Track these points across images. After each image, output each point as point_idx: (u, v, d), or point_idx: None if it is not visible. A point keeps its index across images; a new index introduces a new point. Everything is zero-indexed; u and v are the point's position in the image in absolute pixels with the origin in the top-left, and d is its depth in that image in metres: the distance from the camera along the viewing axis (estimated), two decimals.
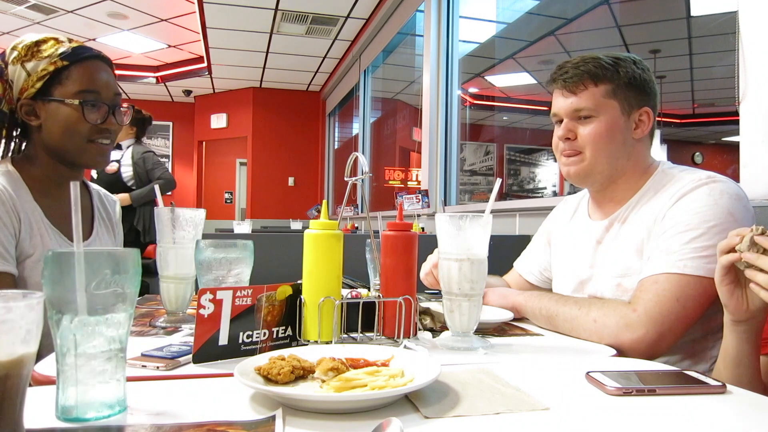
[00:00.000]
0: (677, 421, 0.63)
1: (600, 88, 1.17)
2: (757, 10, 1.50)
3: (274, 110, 9.16)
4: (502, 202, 3.66)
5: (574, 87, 1.18)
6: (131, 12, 6.05)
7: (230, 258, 0.99)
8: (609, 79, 1.16)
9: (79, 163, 1.28)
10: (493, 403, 0.65)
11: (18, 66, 1.20)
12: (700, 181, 1.08)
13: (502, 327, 1.13)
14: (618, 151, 1.18)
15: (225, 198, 10.63)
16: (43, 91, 1.20)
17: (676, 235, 1.04)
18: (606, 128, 1.17)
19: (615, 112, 1.17)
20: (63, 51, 1.21)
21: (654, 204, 1.13)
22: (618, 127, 1.17)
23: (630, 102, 1.18)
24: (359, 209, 6.64)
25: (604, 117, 1.17)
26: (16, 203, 1.18)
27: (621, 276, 1.15)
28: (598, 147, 1.17)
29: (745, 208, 1.06)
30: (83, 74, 1.22)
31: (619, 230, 1.19)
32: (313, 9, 5.76)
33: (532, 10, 5.34)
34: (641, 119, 1.19)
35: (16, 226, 1.17)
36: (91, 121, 1.22)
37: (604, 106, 1.16)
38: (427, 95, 4.33)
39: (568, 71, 1.19)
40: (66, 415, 0.57)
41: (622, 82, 1.17)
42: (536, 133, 9.54)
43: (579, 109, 1.18)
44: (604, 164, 1.18)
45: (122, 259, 0.58)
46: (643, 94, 1.19)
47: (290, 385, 0.68)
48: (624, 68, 1.17)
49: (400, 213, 1.04)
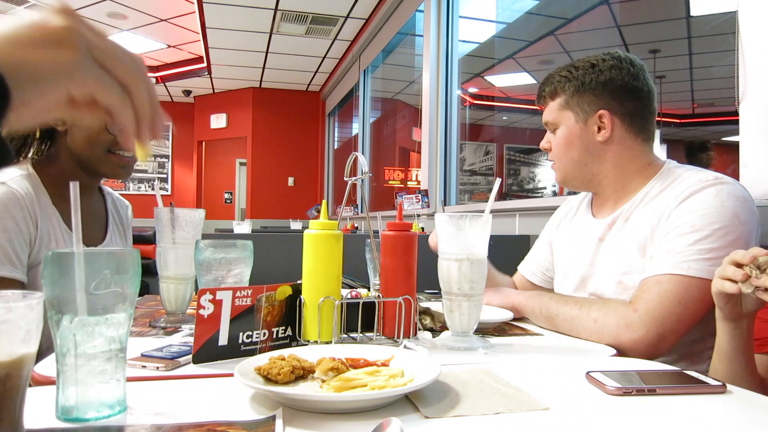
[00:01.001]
0: (677, 421, 0.63)
1: (556, 101, 1.26)
2: (757, 10, 1.50)
3: (274, 110, 9.16)
4: (501, 202, 3.66)
5: (542, 103, 1.31)
6: (131, 12, 6.05)
7: (230, 258, 0.99)
8: (561, 91, 1.25)
9: (100, 172, 1.30)
10: (493, 403, 0.65)
11: None
12: (707, 182, 1.07)
13: (502, 327, 1.13)
14: (583, 157, 1.23)
15: (225, 198, 10.63)
16: None
17: (681, 235, 1.04)
18: (563, 138, 1.25)
19: (570, 121, 1.24)
20: None
21: (658, 203, 1.13)
22: (574, 135, 1.23)
23: (584, 109, 1.22)
24: (359, 209, 6.64)
25: (562, 127, 1.25)
26: (36, 209, 1.19)
27: (623, 274, 1.14)
28: (559, 155, 1.26)
29: (750, 211, 1.06)
30: None
31: (621, 228, 1.19)
32: (313, 9, 5.76)
33: (532, 10, 5.34)
34: (602, 122, 1.21)
35: (33, 233, 1.17)
36: (112, 132, 1.23)
37: (561, 117, 1.25)
38: (426, 95, 4.33)
39: (539, 89, 1.30)
40: (66, 415, 0.57)
41: (571, 92, 1.22)
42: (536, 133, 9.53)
43: (546, 123, 1.29)
44: (571, 170, 1.26)
45: (122, 259, 0.58)
46: (599, 97, 1.20)
47: (290, 385, 0.68)
48: (575, 76, 1.22)
49: (400, 213, 1.04)
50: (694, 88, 7.18)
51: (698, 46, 5.44)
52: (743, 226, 1.02)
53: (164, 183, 10.09)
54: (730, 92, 1.55)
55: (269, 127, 9.14)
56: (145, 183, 9.89)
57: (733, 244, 1.00)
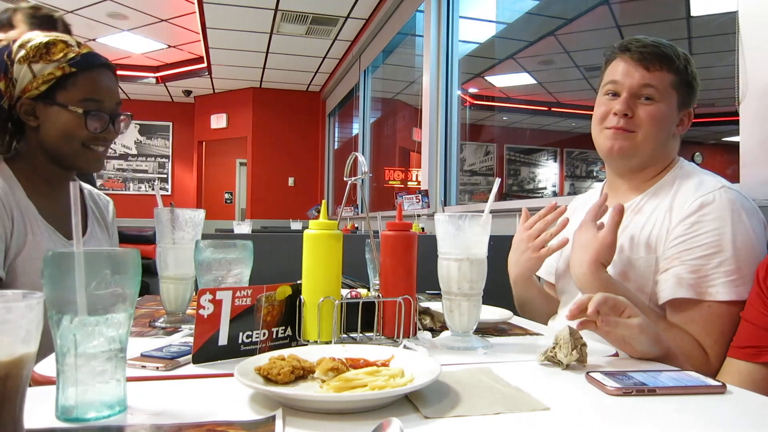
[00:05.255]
0: (677, 421, 0.63)
1: (670, 75, 1.17)
2: (757, 10, 1.50)
3: (274, 110, 9.16)
4: (502, 202, 3.66)
5: (649, 63, 1.16)
6: (131, 12, 6.05)
7: (230, 258, 0.99)
8: (677, 70, 1.18)
9: (73, 166, 1.29)
10: (493, 403, 0.65)
11: (25, 66, 1.20)
12: (719, 192, 1.09)
13: (502, 327, 1.13)
14: (664, 141, 1.20)
15: (225, 198, 10.63)
16: (46, 94, 1.20)
17: (705, 256, 1.06)
18: (665, 115, 1.17)
19: (673, 102, 1.19)
20: (72, 57, 1.21)
21: (670, 200, 1.15)
22: (671, 118, 1.20)
23: (684, 98, 1.20)
24: (359, 209, 6.63)
25: (665, 104, 1.17)
26: (11, 201, 1.18)
27: (626, 266, 1.15)
28: (653, 131, 1.17)
29: (760, 222, 1.10)
30: (89, 82, 1.23)
31: (631, 219, 1.20)
32: (313, 9, 5.76)
33: (532, 10, 5.34)
34: (684, 118, 1.22)
35: (8, 227, 1.17)
36: (91, 130, 1.23)
37: (668, 93, 1.18)
38: (427, 95, 4.33)
39: (646, 46, 1.17)
40: (66, 415, 0.57)
41: (685, 79, 1.19)
42: (536, 133, 9.54)
43: (649, 86, 1.16)
44: (651, 149, 1.19)
45: (122, 259, 0.58)
46: (693, 96, 1.22)
47: (290, 385, 0.68)
48: (691, 66, 1.19)
49: (399, 213, 1.04)
50: None
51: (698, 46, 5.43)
52: (759, 240, 1.07)
53: (164, 183, 10.08)
54: (730, 92, 1.55)
55: (269, 127, 9.14)
56: (145, 183, 9.89)
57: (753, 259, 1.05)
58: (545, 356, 0.83)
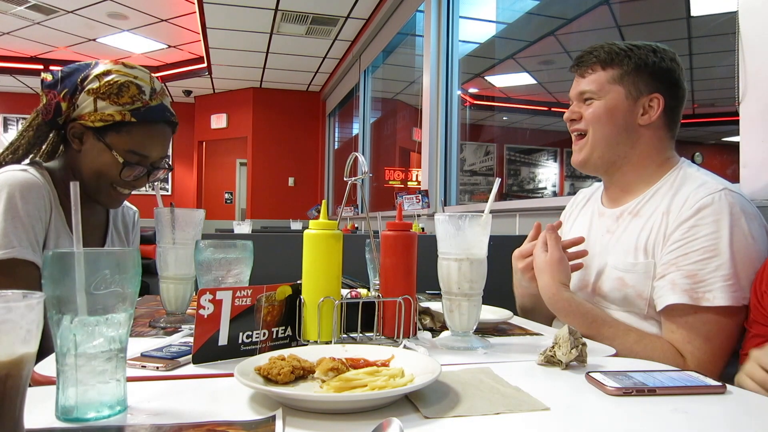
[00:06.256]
0: (677, 421, 0.63)
1: (607, 72, 1.20)
2: (757, 10, 1.50)
3: (274, 110, 9.16)
4: (502, 203, 3.66)
5: (584, 71, 1.24)
6: (131, 12, 6.05)
7: (230, 258, 0.99)
8: (618, 64, 1.20)
9: (94, 198, 1.30)
10: (493, 403, 0.65)
11: (91, 98, 1.21)
12: (718, 194, 1.07)
13: (502, 327, 1.13)
14: (618, 135, 1.20)
15: (225, 198, 10.63)
16: (99, 129, 1.22)
17: (702, 261, 1.05)
18: (605, 110, 1.20)
19: (618, 96, 1.19)
20: (137, 108, 1.22)
21: (668, 203, 1.13)
22: (619, 110, 1.19)
23: (638, 87, 1.19)
24: (359, 209, 6.63)
25: (605, 99, 1.20)
26: (51, 200, 1.21)
27: (624, 271, 1.14)
28: (596, 127, 1.21)
29: (760, 227, 1.09)
30: (142, 136, 1.24)
31: (629, 223, 1.19)
32: (313, 9, 5.76)
33: (532, 10, 5.34)
34: (650, 105, 1.20)
35: (47, 222, 1.20)
36: (124, 178, 1.25)
37: (608, 90, 1.20)
38: (427, 95, 4.33)
39: (582, 57, 1.24)
40: (66, 415, 0.57)
41: (631, 68, 1.19)
42: (536, 133, 9.54)
43: (583, 92, 1.23)
44: (603, 146, 1.21)
45: (122, 259, 0.58)
46: (656, 80, 1.19)
47: (290, 385, 0.68)
48: (637, 55, 1.19)
49: (399, 213, 1.04)
50: (694, 88, 7.18)
51: (698, 46, 5.43)
52: (757, 243, 1.05)
53: (164, 183, 10.09)
54: (730, 92, 1.55)
55: (269, 127, 9.15)
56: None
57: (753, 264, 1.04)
58: (544, 357, 0.83)
